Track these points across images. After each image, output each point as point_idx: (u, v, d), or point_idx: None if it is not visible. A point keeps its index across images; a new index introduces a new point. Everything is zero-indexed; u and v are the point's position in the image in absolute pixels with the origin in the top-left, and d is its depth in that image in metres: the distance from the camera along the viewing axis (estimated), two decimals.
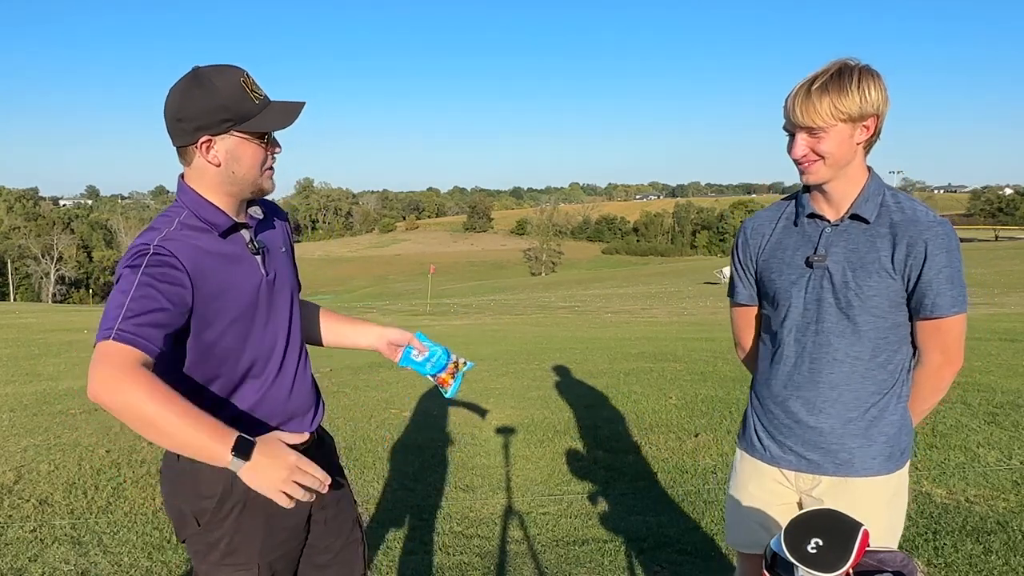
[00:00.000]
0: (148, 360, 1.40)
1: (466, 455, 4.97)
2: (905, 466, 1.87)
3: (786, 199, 1.95)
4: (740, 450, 2.04)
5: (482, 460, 4.88)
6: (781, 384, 1.88)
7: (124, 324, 1.39)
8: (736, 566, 2.20)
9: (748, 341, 2.10)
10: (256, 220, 1.73)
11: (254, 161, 1.61)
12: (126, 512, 3.93)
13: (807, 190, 1.84)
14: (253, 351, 1.67)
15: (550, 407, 6.25)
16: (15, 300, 67.19)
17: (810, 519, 1.14)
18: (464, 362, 2.02)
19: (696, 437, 5.19)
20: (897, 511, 1.88)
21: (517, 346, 11.25)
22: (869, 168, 1.79)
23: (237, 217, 1.67)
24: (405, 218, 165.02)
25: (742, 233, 2.00)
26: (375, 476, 4.56)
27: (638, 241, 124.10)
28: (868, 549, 1.12)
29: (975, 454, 4.52)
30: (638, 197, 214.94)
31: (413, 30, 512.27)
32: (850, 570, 1.06)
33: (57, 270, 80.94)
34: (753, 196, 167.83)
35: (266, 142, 1.62)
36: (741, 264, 2.00)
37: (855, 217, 1.76)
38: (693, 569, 3.26)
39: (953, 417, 5.31)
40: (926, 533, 3.42)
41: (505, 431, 5.49)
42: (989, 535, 3.37)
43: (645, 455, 4.86)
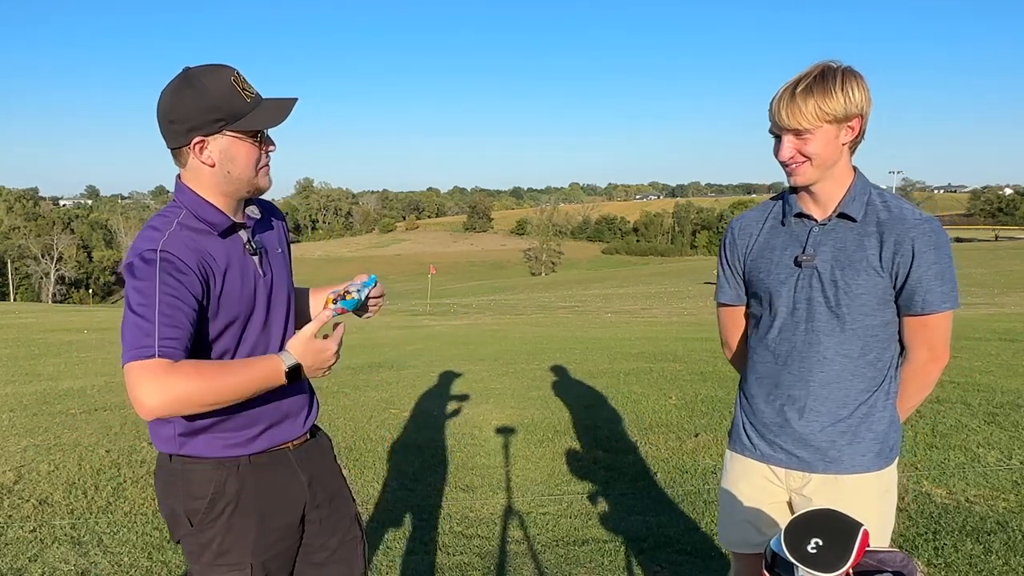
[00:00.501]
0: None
1: (466, 455, 4.97)
2: (894, 463, 1.88)
3: (773, 199, 1.96)
4: (729, 450, 2.05)
5: (482, 460, 4.88)
6: (771, 383, 1.89)
7: (161, 342, 1.44)
8: (732, 565, 2.20)
9: (735, 341, 2.11)
10: (254, 220, 1.73)
11: (248, 160, 1.61)
12: (126, 512, 3.93)
13: (794, 191, 1.85)
14: (249, 351, 1.67)
15: (550, 407, 6.25)
16: (15, 300, 67.22)
17: (810, 519, 1.14)
18: (359, 288, 1.76)
19: (696, 437, 5.20)
20: (888, 509, 1.89)
21: (517, 346, 11.26)
22: (855, 168, 1.81)
23: (235, 217, 1.67)
24: (405, 218, 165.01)
25: (730, 233, 2.00)
26: (375, 476, 4.56)
27: (638, 241, 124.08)
28: (868, 549, 1.12)
29: (975, 454, 4.52)
30: (638, 197, 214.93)
31: (413, 30, 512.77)
32: (850, 570, 1.06)
33: (57, 270, 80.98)
34: (753, 196, 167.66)
35: (260, 140, 1.62)
36: (729, 263, 2.00)
37: (842, 216, 1.78)
38: (693, 569, 3.26)
39: (953, 417, 5.31)
40: (926, 533, 3.43)
41: (505, 431, 5.49)
42: (989, 535, 3.37)
43: (645, 455, 4.86)
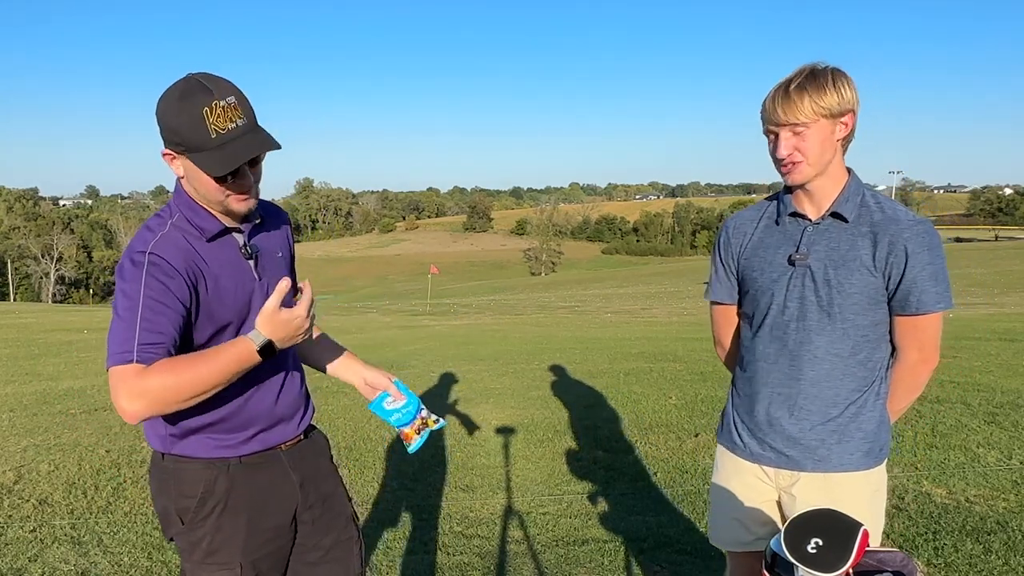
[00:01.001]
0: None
1: (466, 455, 4.97)
2: (883, 463, 1.89)
3: (768, 199, 1.99)
4: (721, 447, 2.06)
5: (482, 460, 4.88)
6: (761, 381, 1.90)
7: (140, 348, 1.45)
8: (727, 563, 2.20)
9: (728, 339, 2.12)
10: (251, 224, 1.71)
11: (209, 188, 1.56)
12: (126, 512, 3.93)
13: (788, 191, 1.87)
14: None
15: (550, 407, 6.25)
16: (15, 300, 67.19)
17: (810, 519, 1.14)
18: (436, 419, 1.95)
19: (696, 437, 5.19)
20: (877, 509, 1.89)
21: (517, 346, 11.26)
22: (849, 169, 1.83)
23: (227, 222, 1.65)
24: (405, 218, 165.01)
25: (724, 232, 2.03)
26: (375, 476, 4.56)
27: (638, 241, 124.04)
28: (868, 549, 1.12)
29: (975, 454, 4.52)
30: (638, 197, 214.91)
31: (413, 30, 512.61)
32: (850, 570, 1.07)
33: (57, 270, 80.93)
34: (753, 196, 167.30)
35: (223, 176, 1.53)
36: (723, 262, 2.02)
37: (835, 216, 1.79)
38: (693, 569, 3.26)
39: (953, 417, 5.31)
40: (926, 533, 3.42)
41: (505, 431, 5.49)
42: (989, 535, 3.37)
43: (645, 455, 4.86)
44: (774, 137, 1.77)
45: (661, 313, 22.28)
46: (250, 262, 1.68)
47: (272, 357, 1.55)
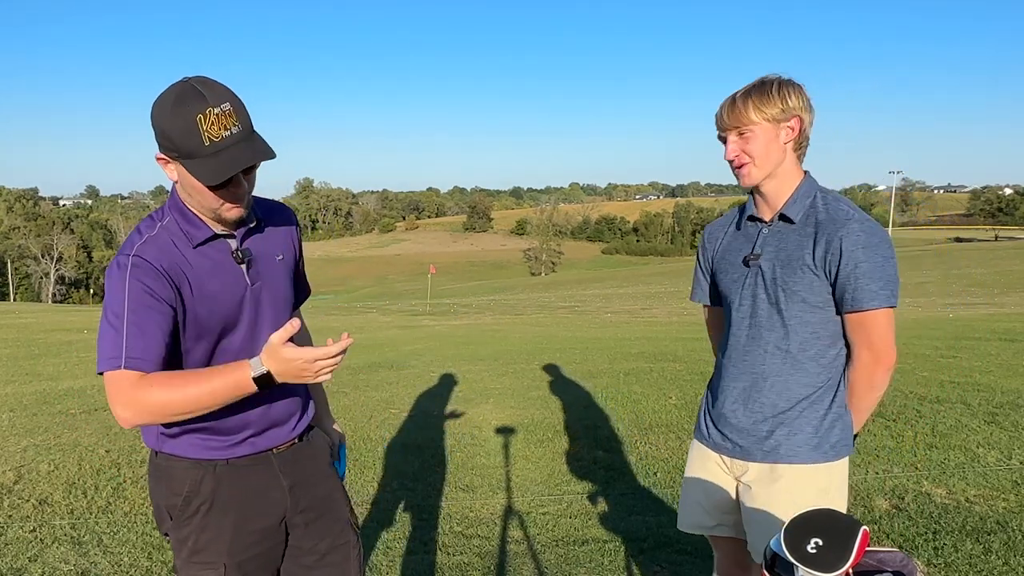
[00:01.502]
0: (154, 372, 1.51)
1: (466, 455, 4.97)
2: (839, 462, 1.91)
3: (741, 206, 2.10)
4: (694, 438, 2.18)
5: (482, 460, 4.88)
6: (725, 375, 2.02)
7: (129, 350, 1.47)
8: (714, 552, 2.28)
9: (716, 337, 2.24)
10: (245, 228, 1.67)
11: (203, 195, 1.54)
12: (126, 512, 3.93)
13: (752, 196, 1.98)
14: (233, 359, 1.63)
15: (550, 407, 6.25)
16: (15, 300, 67.22)
17: (810, 519, 1.14)
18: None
19: None
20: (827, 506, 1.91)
21: (517, 346, 11.26)
22: (806, 172, 1.92)
23: (220, 228, 1.63)
24: (405, 218, 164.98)
25: (702, 239, 2.18)
26: (375, 476, 4.56)
27: (638, 241, 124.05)
28: (868, 549, 1.13)
29: (975, 454, 4.52)
30: (638, 197, 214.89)
31: (413, 30, 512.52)
32: (850, 570, 1.07)
33: (57, 270, 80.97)
34: None
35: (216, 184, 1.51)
36: (701, 267, 2.17)
37: (783, 218, 1.90)
38: (693, 569, 3.27)
39: (953, 417, 5.31)
40: (926, 533, 3.42)
41: (505, 431, 5.49)
42: (989, 535, 3.37)
43: (645, 455, 4.86)
44: (724, 141, 1.90)
45: (661, 313, 22.29)
46: (242, 267, 1.65)
47: (268, 389, 1.52)
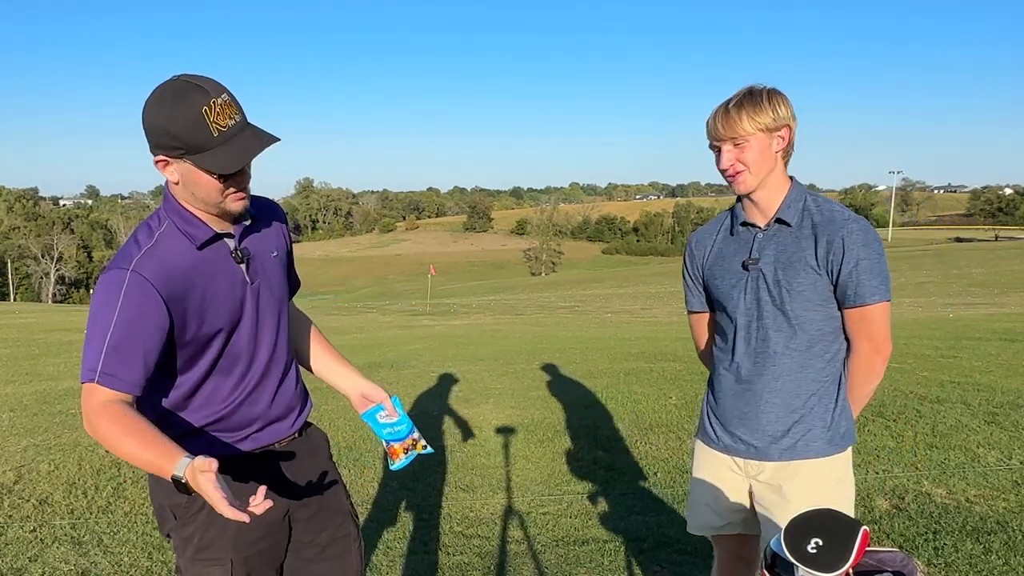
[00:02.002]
0: (126, 397, 1.50)
1: (466, 455, 4.97)
2: (847, 451, 2.01)
3: (725, 212, 2.15)
4: (698, 441, 2.21)
5: (482, 460, 4.88)
6: (732, 379, 2.05)
7: (105, 367, 1.47)
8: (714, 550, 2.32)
9: (703, 342, 2.30)
10: (242, 226, 1.68)
11: (209, 188, 1.54)
12: (126, 512, 3.93)
13: (740, 203, 2.04)
14: (235, 357, 1.66)
15: (550, 407, 6.25)
16: (15, 300, 67.23)
17: (810, 519, 1.14)
18: (425, 445, 1.98)
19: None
20: (839, 497, 1.99)
21: (517, 346, 11.26)
22: (791, 178, 1.99)
23: (218, 227, 1.63)
24: (405, 218, 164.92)
25: (688, 247, 2.21)
26: (375, 476, 4.56)
27: (638, 241, 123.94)
28: (868, 549, 1.13)
29: (975, 454, 4.52)
30: (638, 197, 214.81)
31: (413, 30, 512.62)
32: (850, 570, 1.07)
33: (57, 270, 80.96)
34: None
35: (223, 175, 1.53)
36: (690, 275, 2.20)
37: (780, 222, 1.96)
38: (693, 569, 3.27)
39: (953, 417, 5.31)
40: (926, 533, 3.43)
41: (505, 431, 5.49)
42: (989, 535, 3.37)
43: (645, 455, 4.87)
44: (718, 151, 1.94)
45: (661, 313, 22.30)
46: (241, 266, 1.66)
47: (185, 493, 1.42)
